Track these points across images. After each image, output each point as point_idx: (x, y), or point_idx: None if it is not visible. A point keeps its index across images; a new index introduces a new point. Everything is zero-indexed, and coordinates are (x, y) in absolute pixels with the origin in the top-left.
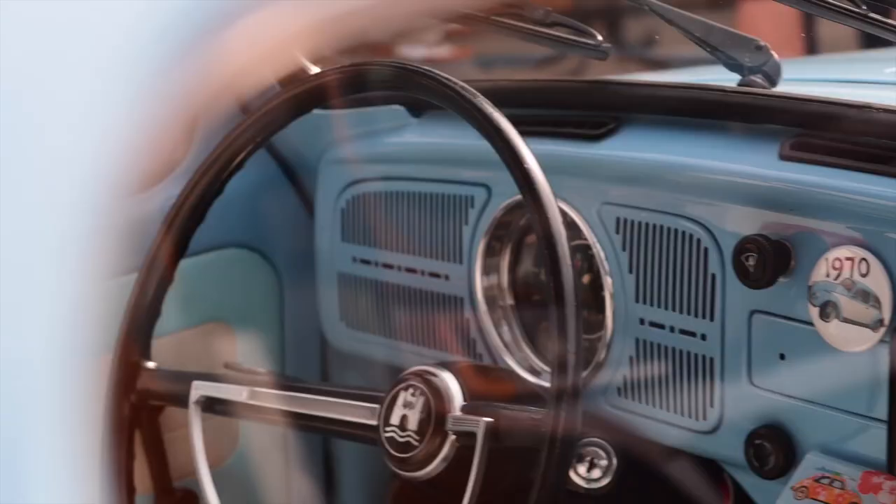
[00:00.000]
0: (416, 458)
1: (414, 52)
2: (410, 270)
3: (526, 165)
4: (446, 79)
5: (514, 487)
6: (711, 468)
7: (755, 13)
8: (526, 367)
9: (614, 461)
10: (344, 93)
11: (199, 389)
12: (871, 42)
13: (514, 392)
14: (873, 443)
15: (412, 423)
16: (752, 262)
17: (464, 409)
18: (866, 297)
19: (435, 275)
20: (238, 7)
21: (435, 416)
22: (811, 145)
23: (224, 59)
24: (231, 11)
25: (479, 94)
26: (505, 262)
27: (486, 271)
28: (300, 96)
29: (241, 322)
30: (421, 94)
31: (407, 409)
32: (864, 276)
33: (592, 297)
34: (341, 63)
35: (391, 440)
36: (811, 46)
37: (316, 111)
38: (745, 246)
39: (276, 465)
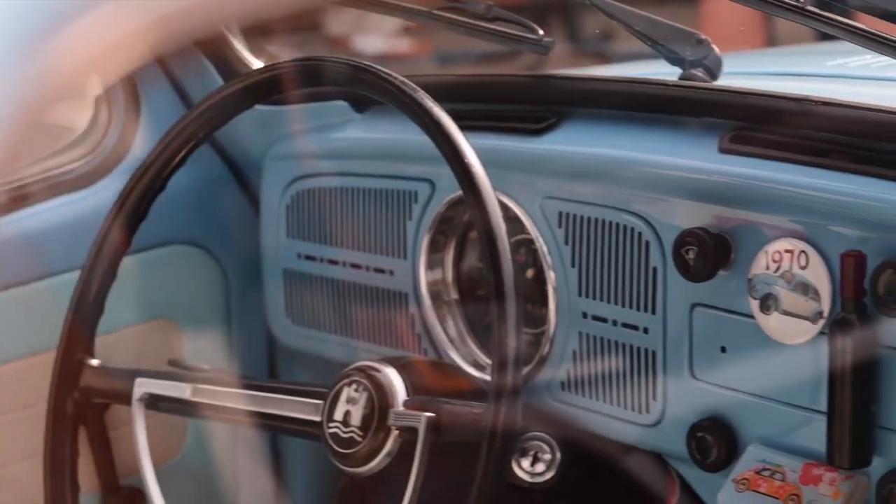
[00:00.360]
0: (360, 453)
1: (373, 46)
2: (355, 266)
3: (466, 161)
4: (387, 74)
5: (459, 481)
6: (658, 461)
7: (717, 7)
8: (471, 361)
9: (558, 455)
10: (285, 89)
11: (142, 386)
12: (826, 35)
13: (458, 387)
14: (814, 435)
15: (355, 419)
16: (692, 255)
17: (406, 405)
18: (806, 289)
19: (380, 270)
20: (72, 7)
21: (378, 412)
22: (750, 138)
23: (61, 60)
24: (65, 12)
25: (419, 89)
26: (449, 257)
27: (431, 266)
28: (241, 92)
29: (188, 319)
30: (362, 89)
31: (350, 405)
32: (803, 268)
33: (536, 292)
34: (283, 58)
35: (334, 436)
36: (771, 40)
37: (260, 107)
38: (685, 239)
39: (225, 462)
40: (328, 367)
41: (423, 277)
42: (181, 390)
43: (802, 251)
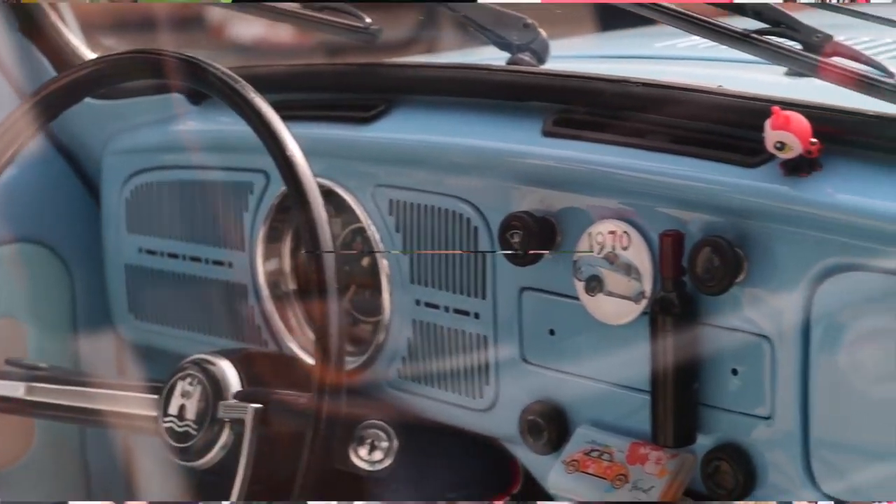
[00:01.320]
0: (195, 447)
1: (252, 33)
2: (195, 259)
3: (287, 152)
4: (210, 66)
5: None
6: (500, 446)
7: None
8: (310, 351)
9: (395, 443)
10: (111, 82)
11: None
12: None
13: (294, 377)
14: (641, 414)
15: (190, 413)
16: (517, 239)
17: (237, 396)
18: (628, 270)
19: (219, 263)
20: None
21: (212, 405)
22: (573, 121)
23: None
24: None
25: (241, 80)
26: (286, 248)
27: (268, 257)
28: (68, 86)
29: (32, 318)
30: (188, 81)
31: (185, 399)
32: (625, 249)
33: (372, 280)
34: (115, 51)
35: (170, 430)
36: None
37: (97, 101)
38: (510, 223)
39: (73, 461)
40: (173, 362)
41: (261, 269)
42: (14, 389)
43: (625, 232)
